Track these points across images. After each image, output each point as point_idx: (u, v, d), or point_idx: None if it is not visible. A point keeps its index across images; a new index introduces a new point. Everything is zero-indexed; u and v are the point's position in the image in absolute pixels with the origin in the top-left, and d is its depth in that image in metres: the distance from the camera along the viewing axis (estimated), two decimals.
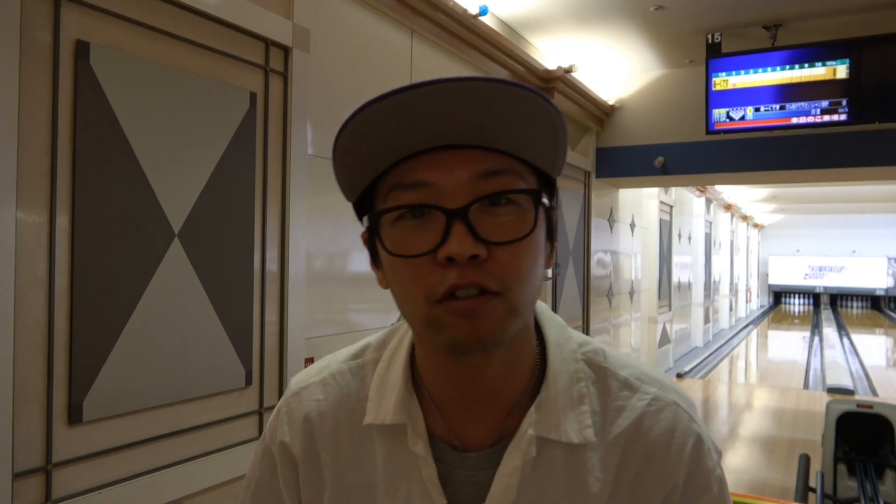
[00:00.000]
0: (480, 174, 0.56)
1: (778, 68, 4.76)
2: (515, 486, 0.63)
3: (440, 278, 0.56)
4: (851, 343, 13.33)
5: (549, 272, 0.64)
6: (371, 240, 0.63)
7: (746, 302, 18.92)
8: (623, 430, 0.65)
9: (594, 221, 6.14)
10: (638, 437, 0.65)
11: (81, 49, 1.83)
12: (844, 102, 4.61)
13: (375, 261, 0.65)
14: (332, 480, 0.70)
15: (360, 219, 0.65)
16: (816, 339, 14.07)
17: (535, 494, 0.63)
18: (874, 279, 21.26)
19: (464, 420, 0.66)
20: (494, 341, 0.58)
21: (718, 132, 5.07)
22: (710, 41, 4.89)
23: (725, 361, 10.73)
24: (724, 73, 4.92)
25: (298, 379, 0.78)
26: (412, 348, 0.70)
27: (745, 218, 17.61)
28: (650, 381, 0.68)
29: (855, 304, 22.29)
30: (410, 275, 0.58)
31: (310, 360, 2.69)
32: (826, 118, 4.68)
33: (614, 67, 5.82)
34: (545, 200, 0.59)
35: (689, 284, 10.95)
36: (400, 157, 0.58)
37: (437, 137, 0.56)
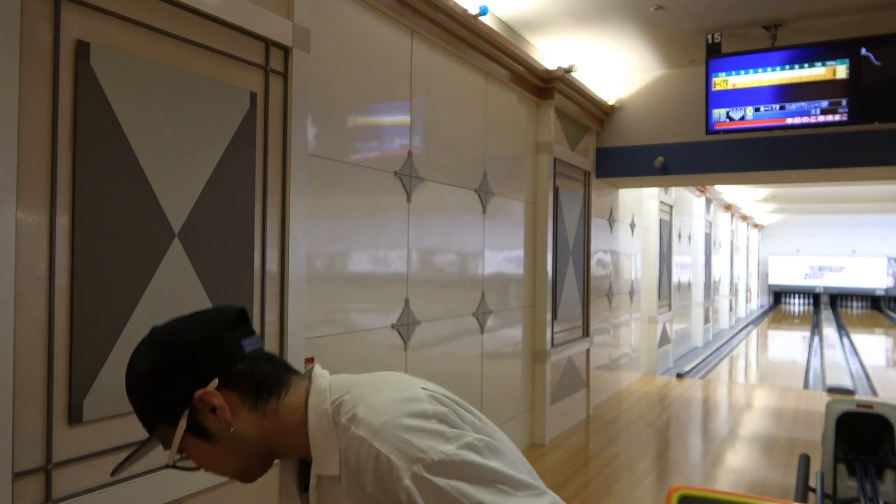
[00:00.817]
0: None
1: (778, 68, 4.76)
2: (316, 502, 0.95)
3: None
4: (851, 343, 13.33)
5: (231, 427, 0.94)
6: None
7: (746, 302, 18.92)
8: (343, 462, 0.90)
9: (594, 221, 6.14)
10: (348, 467, 0.89)
11: (81, 49, 1.83)
12: (844, 102, 4.61)
13: None
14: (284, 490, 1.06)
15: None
16: (816, 339, 14.07)
17: None
18: (874, 279, 21.26)
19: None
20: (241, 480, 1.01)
21: (718, 132, 5.07)
22: (710, 41, 4.89)
23: (725, 361, 10.73)
24: (724, 73, 4.92)
25: None
26: None
27: (744, 218, 17.61)
28: (354, 421, 0.90)
29: (855, 303, 22.28)
30: None
31: (310, 360, 2.68)
32: (826, 118, 4.68)
33: (614, 67, 5.82)
34: (172, 447, 0.93)
35: (689, 284, 10.95)
36: None
37: None
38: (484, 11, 3.97)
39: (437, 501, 0.82)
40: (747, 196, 13.60)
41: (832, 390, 7.72)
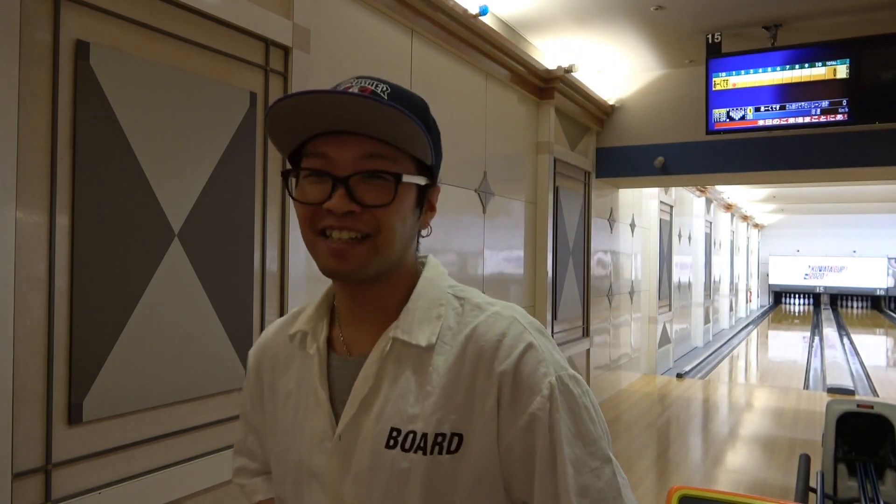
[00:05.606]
0: (364, 155, 0.78)
1: (778, 68, 4.76)
2: (373, 375, 0.82)
3: (323, 218, 0.79)
4: (852, 343, 13.32)
5: (424, 231, 0.88)
6: (291, 187, 0.84)
7: (746, 302, 18.91)
8: (464, 335, 0.82)
9: (594, 221, 6.14)
10: (473, 339, 0.81)
11: (81, 49, 1.83)
12: (844, 102, 4.61)
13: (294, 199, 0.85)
14: (267, 390, 0.94)
15: (290, 168, 0.85)
16: (816, 339, 14.07)
17: (390, 385, 0.81)
18: (874, 279, 21.25)
19: (353, 332, 0.87)
20: (357, 276, 0.81)
21: (718, 132, 5.07)
22: (710, 41, 4.89)
23: (725, 361, 10.73)
24: (724, 73, 4.92)
25: None
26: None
27: (745, 218, 17.61)
28: (498, 305, 0.85)
29: (855, 304, 22.28)
30: (306, 214, 0.80)
31: None
32: (826, 118, 4.68)
33: (614, 67, 5.82)
34: (413, 180, 0.81)
35: (689, 284, 10.94)
36: (311, 135, 0.80)
37: (340, 125, 0.77)
38: (484, 11, 3.97)
39: (569, 409, 0.78)
40: (747, 196, 13.60)
41: (832, 390, 7.72)
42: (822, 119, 4.69)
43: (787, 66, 4.74)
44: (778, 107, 4.80)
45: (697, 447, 5.46)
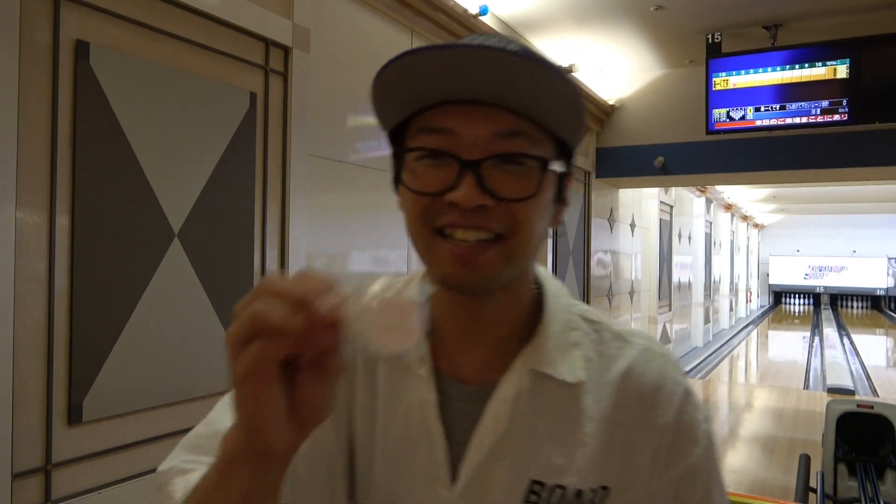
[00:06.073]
0: (500, 133, 0.60)
1: (778, 68, 4.76)
2: (507, 415, 0.66)
3: (442, 212, 0.61)
4: (852, 343, 13.32)
5: (551, 230, 0.69)
6: (396, 168, 0.67)
7: (746, 302, 18.91)
8: (617, 375, 0.69)
9: (594, 221, 6.14)
10: (630, 382, 0.69)
11: (81, 49, 1.83)
12: (844, 102, 4.60)
13: (397, 185, 0.67)
14: (343, 399, 0.71)
15: (392, 147, 0.68)
16: (817, 339, 14.06)
17: (528, 427, 0.66)
18: (874, 279, 21.24)
19: (463, 353, 0.70)
20: (486, 287, 0.64)
21: (718, 132, 5.06)
22: (710, 41, 4.89)
23: (725, 361, 10.73)
24: (724, 73, 4.91)
25: None
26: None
27: (745, 218, 17.61)
28: (640, 335, 0.73)
29: (855, 304, 22.27)
30: (419, 207, 0.63)
31: None
32: (826, 118, 4.67)
33: (614, 67, 5.82)
34: (556, 167, 0.64)
35: (689, 284, 10.94)
36: (431, 103, 0.62)
37: (468, 91, 0.59)
38: (484, 11, 3.96)
39: (716, 456, 0.70)
40: (747, 196, 13.60)
41: (832, 390, 7.71)
42: (822, 119, 4.69)
43: (787, 67, 4.74)
44: (778, 107, 4.80)
45: None
